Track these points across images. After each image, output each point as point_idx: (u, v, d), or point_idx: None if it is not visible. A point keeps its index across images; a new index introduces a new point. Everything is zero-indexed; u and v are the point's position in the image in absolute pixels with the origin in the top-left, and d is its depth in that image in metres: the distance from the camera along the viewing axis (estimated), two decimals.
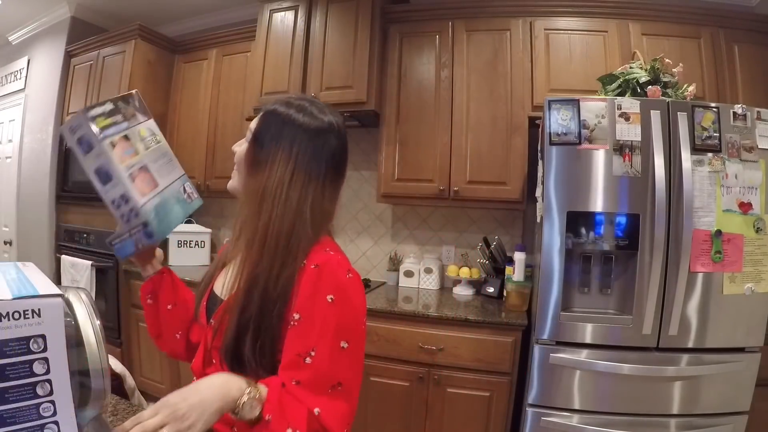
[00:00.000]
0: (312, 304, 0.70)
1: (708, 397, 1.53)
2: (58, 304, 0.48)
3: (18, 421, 0.46)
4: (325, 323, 0.69)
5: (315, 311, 0.69)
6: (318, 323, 0.69)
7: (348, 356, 0.70)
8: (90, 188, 0.80)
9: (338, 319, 0.70)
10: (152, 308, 0.93)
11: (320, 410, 0.66)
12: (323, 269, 0.71)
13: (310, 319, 0.69)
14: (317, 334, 0.69)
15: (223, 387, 0.63)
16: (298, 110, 0.79)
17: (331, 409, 0.67)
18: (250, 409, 0.63)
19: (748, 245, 1.50)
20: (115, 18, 3.23)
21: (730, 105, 1.53)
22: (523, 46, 2.12)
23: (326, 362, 0.68)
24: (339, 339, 0.69)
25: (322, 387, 0.68)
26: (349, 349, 0.70)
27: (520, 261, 2.03)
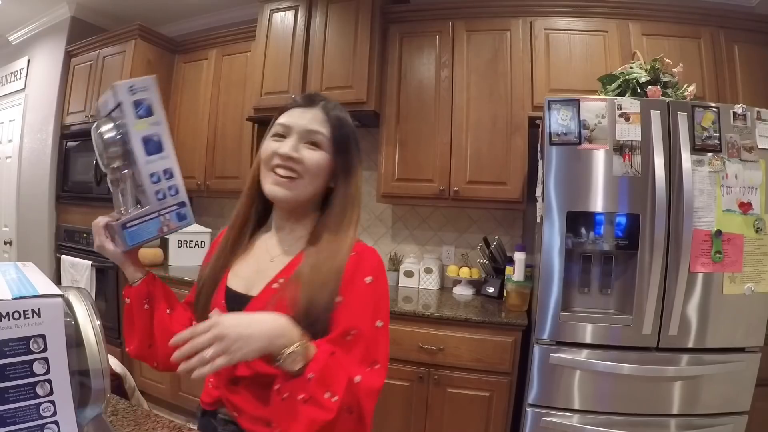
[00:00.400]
0: (353, 286, 0.74)
1: (708, 397, 1.53)
2: (58, 304, 0.48)
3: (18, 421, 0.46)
4: (364, 303, 0.74)
5: (355, 293, 0.74)
6: (358, 303, 0.74)
7: (382, 335, 0.75)
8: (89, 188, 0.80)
9: (375, 299, 0.75)
10: (147, 314, 0.84)
11: (361, 378, 0.68)
12: (362, 255, 0.78)
13: (352, 300, 0.74)
14: (358, 314, 0.73)
15: (275, 330, 0.64)
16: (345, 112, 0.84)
17: (368, 383, 0.69)
18: (292, 362, 0.63)
19: (748, 245, 1.50)
20: (115, 18, 3.23)
21: (730, 105, 1.53)
22: (523, 46, 2.12)
23: (365, 341, 0.72)
24: (375, 318, 0.74)
25: (362, 364, 0.70)
26: (383, 329, 0.75)
27: (520, 261, 2.03)
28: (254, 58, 2.53)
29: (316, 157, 0.79)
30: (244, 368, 0.76)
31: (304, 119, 0.79)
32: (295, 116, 0.80)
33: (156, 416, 0.88)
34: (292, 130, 0.79)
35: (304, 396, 0.63)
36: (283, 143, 0.78)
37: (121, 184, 0.78)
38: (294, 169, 0.77)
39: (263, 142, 0.84)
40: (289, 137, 0.79)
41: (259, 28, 2.52)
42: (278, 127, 0.81)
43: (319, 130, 0.79)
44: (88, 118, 2.92)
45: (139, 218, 0.76)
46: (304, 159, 0.78)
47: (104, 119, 0.76)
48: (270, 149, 0.79)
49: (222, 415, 0.82)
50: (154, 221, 0.77)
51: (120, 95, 0.73)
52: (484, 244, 2.30)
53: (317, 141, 0.79)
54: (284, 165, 0.77)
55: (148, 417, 0.88)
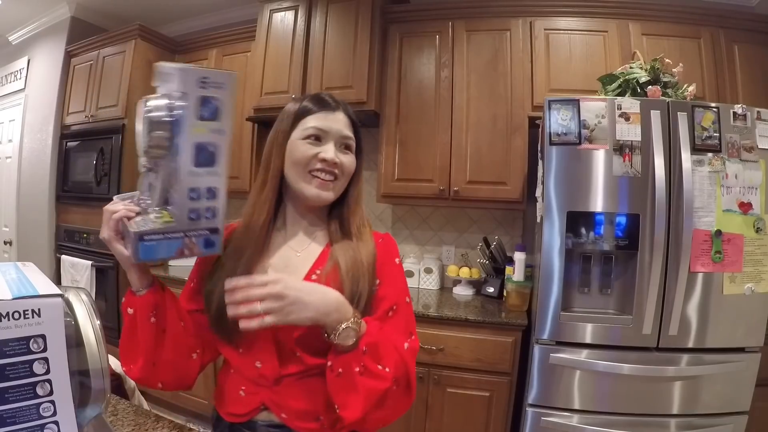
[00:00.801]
0: (388, 268, 0.82)
1: (708, 397, 1.53)
2: (58, 304, 0.48)
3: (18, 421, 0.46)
4: (398, 282, 0.82)
5: (391, 274, 0.82)
6: (393, 283, 0.81)
7: (411, 309, 0.83)
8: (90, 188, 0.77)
9: (403, 277, 0.84)
10: (153, 328, 0.73)
11: (408, 345, 0.75)
12: (386, 240, 0.87)
13: (390, 280, 0.81)
14: (395, 292, 0.80)
15: (332, 305, 0.68)
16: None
17: (413, 349, 0.76)
18: (347, 336, 0.67)
19: (748, 245, 1.50)
20: (115, 18, 3.23)
21: (730, 105, 1.53)
22: (523, 46, 2.12)
23: (404, 315, 0.79)
24: (405, 294, 0.82)
25: (404, 335, 0.77)
26: (410, 303, 0.83)
27: (520, 261, 2.03)
28: (254, 58, 2.53)
29: (350, 161, 0.85)
30: (294, 366, 0.76)
31: (337, 124, 0.83)
32: (329, 121, 0.82)
33: (156, 416, 0.88)
34: (329, 135, 0.82)
35: (359, 369, 0.67)
36: (325, 148, 0.81)
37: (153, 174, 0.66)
38: (334, 172, 0.82)
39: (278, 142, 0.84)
40: (327, 142, 0.81)
41: (259, 28, 2.52)
42: (312, 130, 0.81)
43: (350, 135, 0.84)
44: (88, 118, 2.91)
45: (161, 234, 0.64)
46: (343, 163, 0.83)
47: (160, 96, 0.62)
48: (309, 153, 0.80)
49: (263, 421, 0.78)
50: (177, 241, 0.66)
51: (187, 84, 0.60)
52: (484, 244, 2.30)
53: (349, 145, 0.85)
54: (328, 170, 0.80)
55: (148, 417, 0.88)
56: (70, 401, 0.49)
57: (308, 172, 0.81)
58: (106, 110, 2.81)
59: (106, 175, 2.75)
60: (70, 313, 0.53)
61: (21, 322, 0.46)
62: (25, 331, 0.46)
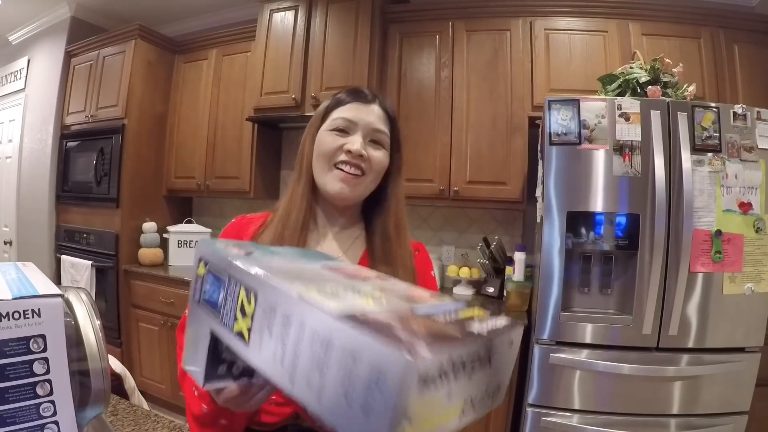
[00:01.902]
0: (425, 281, 0.81)
1: (708, 397, 1.53)
2: (58, 304, 0.48)
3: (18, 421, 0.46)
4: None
5: (430, 285, 0.81)
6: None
7: None
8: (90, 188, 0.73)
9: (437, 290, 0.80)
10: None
11: None
12: (421, 251, 0.85)
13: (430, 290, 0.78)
14: None
15: None
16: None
17: None
18: None
19: (748, 245, 1.50)
20: (115, 18, 3.23)
21: (730, 105, 1.53)
22: (523, 46, 2.12)
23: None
24: None
25: None
26: None
27: (520, 261, 2.03)
28: (254, 58, 2.53)
29: (381, 157, 0.77)
30: None
31: (369, 116, 0.77)
32: (360, 112, 0.76)
33: (156, 416, 0.88)
34: (357, 127, 0.76)
35: None
36: (351, 139, 0.75)
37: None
38: (361, 166, 0.75)
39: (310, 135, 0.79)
40: (354, 134, 0.75)
41: (259, 28, 2.52)
42: (340, 121, 0.76)
43: (383, 129, 0.78)
44: (88, 118, 2.92)
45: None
46: (371, 158, 0.75)
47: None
48: (335, 144, 0.75)
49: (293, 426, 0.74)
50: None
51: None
52: (484, 244, 2.30)
53: (381, 140, 0.78)
54: (353, 162, 0.74)
55: (148, 417, 0.88)
56: (70, 401, 0.49)
57: (333, 165, 0.75)
58: (106, 110, 2.81)
59: (106, 175, 2.75)
60: (70, 313, 0.53)
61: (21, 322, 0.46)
62: (25, 331, 0.46)
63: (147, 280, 2.59)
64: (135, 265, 2.70)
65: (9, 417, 0.45)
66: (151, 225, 2.74)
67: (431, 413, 0.28)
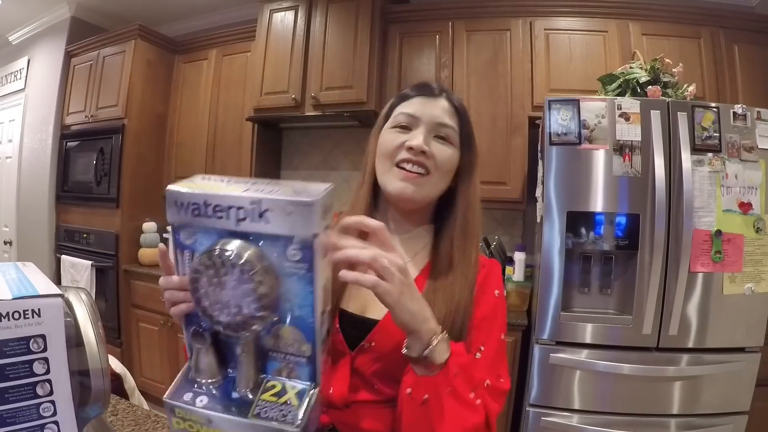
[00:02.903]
0: (483, 301, 0.70)
1: (708, 397, 1.53)
2: (58, 304, 0.48)
3: (18, 421, 0.46)
4: (494, 318, 0.70)
5: (486, 308, 0.70)
6: (489, 318, 0.69)
7: (505, 347, 0.72)
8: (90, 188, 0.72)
9: (502, 312, 0.72)
10: None
11: (491, 383, 0.65)
12: (490, 268, 0.74)
13: (483, 315, 0.69)
14: (487, 329, 0.69)
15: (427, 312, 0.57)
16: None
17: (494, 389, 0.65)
18: (441, 352, 0.55)
19: (748, 245, 1.50)
20: (115, 18, 3.22)
21: (730, 105, 1.53)
22: (523, 46, 2.12)
23: (493, 354, 0.68)
24: (501, 331, 0.71)
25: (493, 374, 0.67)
26: (505, 341, 0.72)
27: (520, 261, 2.03)
28: (254, 58, 2.53)
29: (448, 153, 0.70)
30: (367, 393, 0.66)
31: (434, 110, 0.71)
32: (423, 106, 0.71)
33: (156, 416, 0.88)
34: (420, 122, 0.70)
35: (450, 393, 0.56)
36: (412, 135, 0.69)
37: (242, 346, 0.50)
38: (425, 164, 0.68)
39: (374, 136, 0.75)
40: (417, 129, 0.70)
41: (259, 28, 2.51)
42: (402, 117, 0.71)
43: (450, 124, 0.71)
44: (88, 118, 2.91)
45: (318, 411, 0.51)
46: (435, 154, 0.69)
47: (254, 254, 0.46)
48: (396, 141, 0.69)
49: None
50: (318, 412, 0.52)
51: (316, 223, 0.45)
52: (484, 244, 2.30)
53: (447, 135, 0.71)
54: (415, 160, 0.68)
55: (148, 417, 0.88)
56: (70, 401, 0.49)
57: (393, 164, 0.69)
58: (106, 110, 2.81)
59: (106, 175, 2.75)
60: (70, 313, 0.53)
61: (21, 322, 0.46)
62: (25, 331, 0.46)
63: (147, 280, 2.59)
64: (135, 265, 2.70)
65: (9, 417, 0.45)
66: (151, 225, 2.74)
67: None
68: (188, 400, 0.50)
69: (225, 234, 0.47)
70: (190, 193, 0.47)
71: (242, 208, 0.45)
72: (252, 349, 0.50)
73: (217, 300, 0.46)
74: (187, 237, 0.49)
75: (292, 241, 0.45)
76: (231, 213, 0.45)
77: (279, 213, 0.44)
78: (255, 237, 0.46)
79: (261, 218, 0.45)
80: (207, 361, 0.51)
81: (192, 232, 0.49)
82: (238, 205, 0.45)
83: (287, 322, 0.49)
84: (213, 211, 0.46)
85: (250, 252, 0.45)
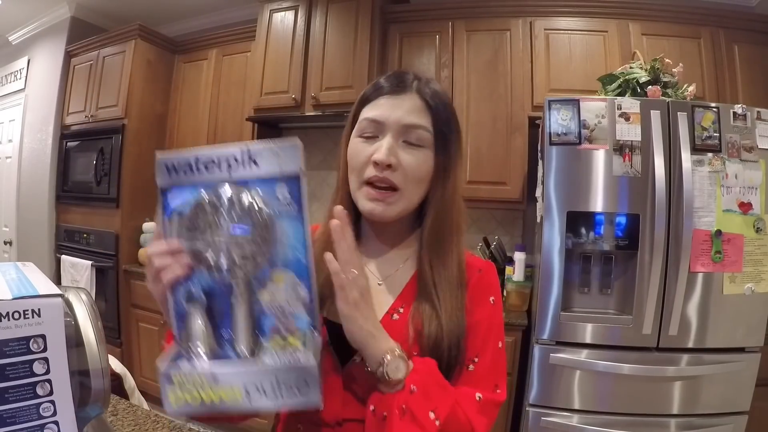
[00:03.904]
0: (478, 308, 0.66)
1: (708, 397, 1.53)
2: (58, 304, 0.48)
3: (18, 421, 0.46)
4: (490, 326, 0.67)
5: (480, 315, 0.66)
6: (484, 327, 0.66)
7: (503, 356, 0.68)
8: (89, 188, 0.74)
9: (498, 319, 0.69)
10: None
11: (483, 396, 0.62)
12: (484, 272, 0.69)
13: (477, 324, 0.65)
14: (483, 338, 0.65)
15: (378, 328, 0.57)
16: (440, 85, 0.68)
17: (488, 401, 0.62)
18: (396, 369, 0.55)
19: (748, 245, 1.50)
20: (115, 18, 3.23)
21: (730, 105, 1.53)
22: (523, 46, 2.12)
23: (488, 364, 0.65)
24: (498, 339, 0.67)
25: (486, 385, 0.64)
26: (503, 349, 0.68)
27: (520, 261, 2.03)
28: (254, 58, 2.53)
29: (419, 160, 0.63)
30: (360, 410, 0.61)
31: (399, 110, 0.62)
32: (388, 108, 0.63)
33: (156, 416, 0.88)
34: (385, 127, 0.62)
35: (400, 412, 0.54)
36: (377, 145, 0.62)
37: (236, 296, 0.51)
38: (391, 180, 0.62)
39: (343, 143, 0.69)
40: (383, 137, 0.62)
41: (259, 28, 2.51)
42: (365, 124, 0.64)
43: (419, 123, 0.63)
44: (88, 118, 2.91)
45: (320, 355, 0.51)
46: (403, 165, 0.62)
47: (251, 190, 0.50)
48: (363, 155, 0.63)
49: None
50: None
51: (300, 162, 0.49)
52: (484, 244, 2.30)
53: (418, 137, 0.63)
54: (380, 177, 0.61)
55: (148, 417, 0.88)
56: (70, 401, 0.49)
57: (362, 181, 0.63)
58: (106, 110, 2.81)
59: (106, 175, 2.75)
60: (70, 313, 0.53)
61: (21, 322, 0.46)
62: (25, 331, 0.46)
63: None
64: (135, 265, 2.70)
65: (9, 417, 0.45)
66: (151, 225, 2.74)
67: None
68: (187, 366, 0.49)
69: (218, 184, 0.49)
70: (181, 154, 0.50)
71: (234, 158, 0.49)
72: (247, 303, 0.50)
73: (213, 242, 0.48)
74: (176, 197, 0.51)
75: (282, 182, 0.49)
76: (222, 165, 0.49)
77: (268, 155, 0.48)
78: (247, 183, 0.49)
79: (252, 164, 0.48)
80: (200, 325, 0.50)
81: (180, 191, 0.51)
82: (229, 155, 0.49)
83: (280, 266, 0.50)
84: (205, 167, 0.49)
85: (243, 194, 0.48)
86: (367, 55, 2.22)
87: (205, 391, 0.48)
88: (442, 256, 0.65)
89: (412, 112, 0.63)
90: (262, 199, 0.49)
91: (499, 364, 0.66)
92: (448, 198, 0.66)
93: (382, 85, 0.66)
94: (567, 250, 1.56)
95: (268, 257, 0.49)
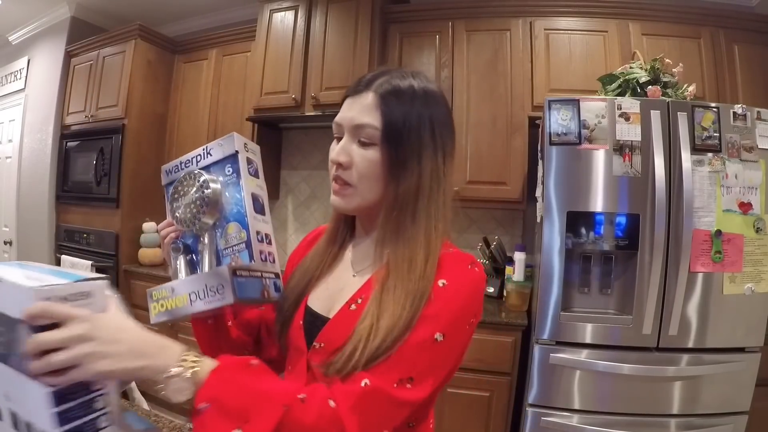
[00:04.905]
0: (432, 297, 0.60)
1: (708, 397, 1.53)
2: (104, 286, 0.53)
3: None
4: (428, 312, 0.59)
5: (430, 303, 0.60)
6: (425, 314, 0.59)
7: (437, 352, 0.58)
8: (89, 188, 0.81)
9: (444, 305, 0.59)
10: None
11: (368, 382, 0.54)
12: (444, 258, 0.64)
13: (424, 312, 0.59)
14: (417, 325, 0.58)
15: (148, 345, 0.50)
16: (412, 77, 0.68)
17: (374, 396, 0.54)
18: (176, 391, 0.49)
19: (748, 245, 1.50)
20: (115, 18, 3.23)
21: (730, 105, 1.53)
22: (523, 46, 2.12)
23: (409, 350, 0.56)
24: (436, 329, 0.58)
25: (388, 376, 0.55)
26: (441, 344, 0.58)
27: (520, 261, 2.03)
28: (254, 58, 2.53)
29: (368, 158, 0.64)
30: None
31: (352, 111, 0.65)
32: (345, 110, 0.67)
33: (156, 416, 0.88)
34: (343, 129, 0.66)
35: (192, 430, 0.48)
36: (335, 146, 0.67)
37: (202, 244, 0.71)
38: (343, 177, 0.65)
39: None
40: (343, 137, 0.66)
41: (259, 28, 2.51)
42: (334, 127, 0.69)
43: (367, 122, 0.63)
44: (88, 118, 2.91)
45: (247, 271, 0.65)
46: (355, 163, 0.64)
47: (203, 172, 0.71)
48: (330, 155, 0.68)
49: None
50: (258, 281, 0.66)
51: (236, 145, 0.69)
52: (484, 244, 2.30)
53: (368, 136, 0.64)
54: (334, 175, 0.66)
55: (148, 417, 0.88)
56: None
57: (332, 179, 0.68)
58: (106, 110, 2.81)
59: (106, 175, 2.75)
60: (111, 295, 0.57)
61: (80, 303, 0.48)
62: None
63: (147, 280, 2.59)
64: (135, 265, 2.70)
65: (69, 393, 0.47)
66: (151, 225, 2.74)
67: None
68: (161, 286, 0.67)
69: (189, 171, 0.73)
70: (172, 161, 0.77)
71: (199, 155, 0.73)
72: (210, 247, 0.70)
73: (182, 205, 0.71)
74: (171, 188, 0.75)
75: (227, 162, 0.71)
76: (193, 161, 0.74)
77: (216, 147, 0.72)
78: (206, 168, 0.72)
79: (208, 155, 0.72)
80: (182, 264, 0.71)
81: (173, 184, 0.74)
82: (197, 154, 0.74)
83: (231, 220, 0.69)
84: (185, 165, 0.75)
85: (200, 173, 0.71)
86: (367, 55, 2.22)
87: (168, 301, 0.65)
88: (401, 248, 0.63)
89: (362, 111, 0.65)
90: (215, 176, 0.71)
91: (423, 357, 0.57)
92: (406, 191, 0.64)
93: (349, 88, 0.70)
94: (567, 250, 1.57)
95: (223, 215, 0.70)
